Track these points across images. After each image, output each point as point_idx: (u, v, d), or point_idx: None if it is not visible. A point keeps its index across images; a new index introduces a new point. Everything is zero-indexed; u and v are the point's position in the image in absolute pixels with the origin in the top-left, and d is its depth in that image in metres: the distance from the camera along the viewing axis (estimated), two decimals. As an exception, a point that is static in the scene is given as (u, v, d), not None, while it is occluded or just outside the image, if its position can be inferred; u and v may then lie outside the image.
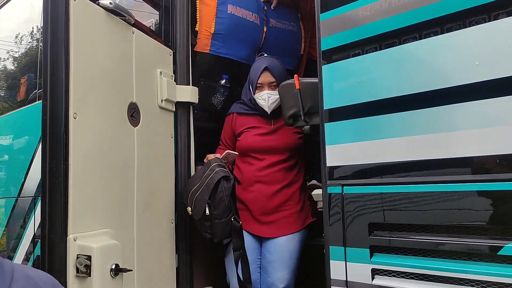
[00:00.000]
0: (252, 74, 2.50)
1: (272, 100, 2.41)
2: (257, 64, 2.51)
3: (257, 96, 2.44)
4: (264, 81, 2.42)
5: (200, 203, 2.14)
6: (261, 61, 2.50)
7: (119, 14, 1.93)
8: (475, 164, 1.35)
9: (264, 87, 2.43)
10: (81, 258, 1.59)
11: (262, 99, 2.42)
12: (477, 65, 1.34)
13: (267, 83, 2.42)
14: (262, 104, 2.43)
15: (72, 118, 1.64)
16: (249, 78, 2.53)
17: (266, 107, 2.42)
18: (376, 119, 1.56)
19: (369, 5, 1.59)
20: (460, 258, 1.38)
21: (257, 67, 2.47)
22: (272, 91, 2.41)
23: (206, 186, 2.14)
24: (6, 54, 3.49)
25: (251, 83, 2.49)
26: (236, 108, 2.61)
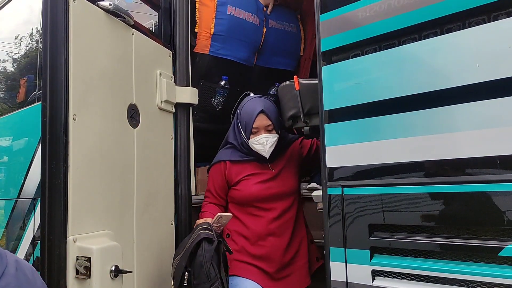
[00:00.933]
0: (244, 118, 2.21)
1: (270, 144, 2.17)
2: (249, 107, 2.24)
3: (253, 141, 2.18)
4: (260, 125, 2.17)
5: (178, 272, 1.90)
6: (253, 103, 2.24)
7: (119, 15, 1.93)
8: (475, 165, 1.35)
9: (260, 131, 2.18)
10: (81, 259, 1.59)
11: (259, 143, 2.17)
12: (477, 67, 1.34)
13: (263, 127, 2.18)
14: (259, 149, 2.17)
15: (72, 119, 1.63)
16: (240, 121, 2.24)
17: (265, 152, 2.17)
18: (376, 120, 1.55)
19: (369, 6, 1.59)
20: (461, 259, 1.38)
21: (251, 110, 2.21)
22: (269, 134, 2.18)
23: (184, 252, 1.90)
24: (6, 56, 3.49)
25: (243, 127, 2.21)
26: (227, 155, 2.29)
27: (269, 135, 2.17)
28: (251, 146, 2.20)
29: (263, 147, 2.16)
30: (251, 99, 2.29)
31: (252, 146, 2.19)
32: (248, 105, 2.26)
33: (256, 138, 2.17)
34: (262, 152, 2.17)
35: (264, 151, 2.17)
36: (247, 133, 2.19)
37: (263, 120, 2.17)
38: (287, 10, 3.33)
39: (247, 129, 2.19)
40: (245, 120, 2.20)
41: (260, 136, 2.16)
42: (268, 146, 2.16)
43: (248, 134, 2.19)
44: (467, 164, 1.36)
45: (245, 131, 2.20)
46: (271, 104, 2.27)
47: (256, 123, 2.16)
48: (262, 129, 2.17)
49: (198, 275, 1.86)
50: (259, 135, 2.17)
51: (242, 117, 2.23)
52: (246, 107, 2.25)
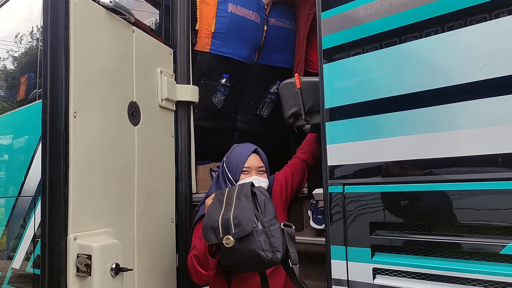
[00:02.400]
0: (235, 159, 2.05)
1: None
2: (241, 148, 2.10)
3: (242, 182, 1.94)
4: (252, 165, 2.02)
5: (244, 216, 1.66)
6: (245, 145, 2.12)
7: (119, 13, 1.92)
8: (476, 163, 1.34)
9: (251, 172, 2.02)
10: (81, 257, 1.59)
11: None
12: (480, 68, 1.33)
13: (255, 167, 2.02)
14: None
15: (72, 117, 1.63)
16: (229, 164, 2.05)
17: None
18: (377, 118, 1.55)
19: (370, 4, 1.59)
20: (462, 257, 1.38)
21: (243, 151, 2.07)
22: (261, 178, 2.02)
23: (241, 197, 1.74)
24: (6, 54, 3.48)
25: (232, 169, 2.03)
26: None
27: (261, 178, 2.02)
28: None
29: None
30: (241, 144, 2.17)
31: None
32: (238, 147, 2.12)
33: (247, 179, 1.96)
34: None
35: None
36: (236, 174, 2.01)
37: (255, 161, 2.04)
38: (286, 7, 3.33)
39: (237, 170, 2.01)
40: (235, 161, 2.04)
41: (251, 178, 1.98)
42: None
43: (238, 175, 2.00)
44: (468, 162, 1.36)
45: (235, 173, 2.01)
46: (262, 151, 2.12)
47: (248, 162, 2.02)
48: (254, 169, 2.02)
49: (267, 212, 1.75)
50: (250, 176, 2.01)
51: (232, 159, 2.06)
52: (237, 149, 2.11)
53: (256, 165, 2.04)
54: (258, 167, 2.04)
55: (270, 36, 3.14)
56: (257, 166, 2.04)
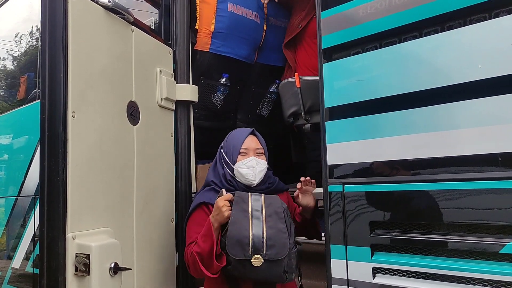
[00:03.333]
0: (232, 141, 2.02)
1: (261, 169, 1.93)
2: (238, 131, 2.09)
3: (239, 165, 1.93)
4: (250, 146, 1.97)
5: (279, 240, 1.67)
6: (242, 129, 2.10)
7: (118, 13, 1.92)
8: (476, 162, 1.34)
9: (249, 153, 1.96)
10: (80, 256, 1.58)
11: (248, 166, 1.92)
12: (479, 67, 1.33)
13: (253, 149, 1.97)
14: (247, 173, 1.91)
15: (71, 116, 1.63)
16: (226, 147, 2.02)
17: (253, 177, 1.91)
18: (377, 117, 1.55)
19: (370, 3, 1.58)
20: (462, 256, 1.38)
21: (239, 133, 2.04)
22: (259, 159, 1.95)
23: (273, 215, 1.72)
24: (6, 54, 3.48)
25: (230, 152, 1.99)
26: (208, 198, 1.92)
27: (259, 160, 1.95)
28: (236, 174, 1.94)
29: (252, 170, 1.92)
30: (237, 128, 2.16)
31: (238, 172, 1.93)
32: (235, 131, 2.11)
33: (245, 161, 1.93)
34: (249, 177, 1.91)
35: (253, 175, 1.91)
36: (234, 156, 1.96)
37: (253, 142, 2.00)
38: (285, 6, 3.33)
39: (235, 152, 1.97)
40: (232, 143, 2.01)
41: (249, 158, 1.94)
42: (258, 170, 1.93)
43: (235, 157, 1.96)
44: (468, 161, 1.35)
45: (232, 155, 1.97)
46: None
47: (245, 143, 1.97)
48: (252, 151, 1.97)
49: (291, 234, 1.74)
50: (248, 157, 1.95)
51: (229, 142, 2.03)
52: (233, 132, 2.09)
53: (254, 146, 1.99)
54: (256, 149, 1.99)
55: (270, 36, 3.13)
56: (255, 147, 1.99)
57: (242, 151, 1.96)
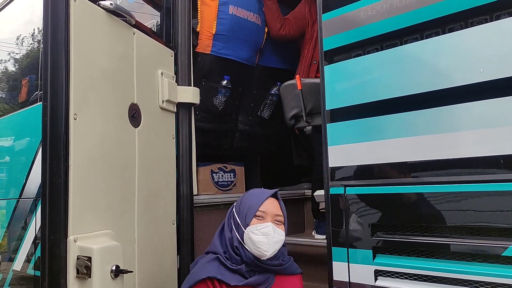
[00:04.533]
0: (249, 200, 1.73)
1: (277, 239, 1.64)
2: (257, 191, 1.81)
3: (252, 229, 1.63)
4: (269, 210, 1.69)
5: None
6: (263, 190, 1.81)
7: (120, 15, 1.92)
8: (478, 164, 1.34)
9: (267, 218, 1.67)
10: (81, 259, 1.58)
11: (263, 233, 1.62)
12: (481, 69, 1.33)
13: (272, 214, 1.68)
14: (260, 241, 1.61)
15: (73, 119, 1.63)
16: (240, 206, 1.74)
17: (265, 246, 1.61)
18: (379, 119, 1.55)
19: (371, 6, 1.58)
20: (464, 259, 1.37)
21: (259, 193, 1.76)
22: (277, 228, 1.67)
23: None
24: (8, 56, 3.49)
25: (243, 212, 1.69)
26: (211, 270, 1.63)
27: (277, 229, 1.66)
28: (246, 240, 1.64)
29: (267, 238, 1.61)
30: (257, 188, 1.88)
31: (249, 238, 1.63)
32: (254, 190, 1.83)
33: (260, 226, 1.63)
34: (262, 246, 1.61)
35: (267, 244, 1.61)
36: (247, 217, 1.67)
37: (274, 207, 1.71)
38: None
39: (250, 213, 1.67)
40: (248, 203, 1.71)
41: (266, 224, 1.64)
42: (274, 240, 1.62)
43: (249, 219, 1.66)
44: (470, 164, 1.35)
45: (245, 216, 1.67)
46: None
47: (265, 205, 1.69)
48: (270, 216, 1.68)
49: None
50: (264, 222, 1.66)
51: (244, 201, 1.74)
52: (252, 191, 1.81)
53: (274, 211, 1.69)
54: (276, 215, 1.69)
55: (271, 38, 3.14)
56: (275, 213, 1.70)
57: (259, 214, 1.67)
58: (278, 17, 3.05)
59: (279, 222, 1.69)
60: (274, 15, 3.04)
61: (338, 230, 1.62)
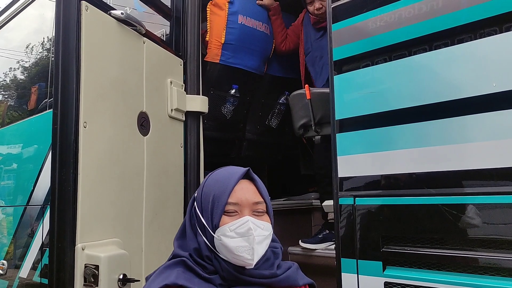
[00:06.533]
0: (212, 189, 1.20)
1: (261, 237, 1.16)
2: (221, 174, 1.26)
3: (224, 232, 1.14)
4: (243, 198, 1.18)
5: None
6: (228, 169, 1.28)
7: (131, 24, 1.94)
8: (490, 176, 1.32)
9: (243, 211, 1.17)
10: (88, 267, 1.58)
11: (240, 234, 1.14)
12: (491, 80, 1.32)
13: (248, 203, 1.18)
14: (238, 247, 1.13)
15: (82, 127, 1.63)
16: (202, 199, 1.22)
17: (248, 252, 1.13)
18: (389, 129, 1.54)
19: (380, 16, 1.59)
20: (476, 272, 1.35)
21: (225, 177, 1.23)
22: (259, 221, 1.18)
23: None
24: (17, 64, 3.52)
25: (207, 208, 1.19)
26: (173, 276, 1.15)
27: (261, 222, 1.18)
28: (219, 247, 1.16)
29: (247, 240, 1.13)
30: (220, 168, 1.31)
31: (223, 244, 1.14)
32: (218, 171, 1.29)
33: (234, 224, 1.15)
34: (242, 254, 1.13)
35: (249, 249, 1.13)
36: (214, 216, 1.16)
37: (248, 191, 1.20)
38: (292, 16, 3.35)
39: (216, 210, 1.16)
40: (212, 194, 1.19)
41: (242, 219, 1.15)
42: (258, 240, 1.14)
43: (216, 218, 1.16)
44: (481, 175, 1.34)
45: (211, 214, 1.17)
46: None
47: (235, 194, 1.18)
48: (247, 207, 1.17)
49: None
50: (239, 217, 1.16)
51: (206, 193, 1.21)
52: (215, 175, 1.27)
53: (250, 199, 1.18)
54: (254, 203, 1.18)
55: (279, 48, 3.15)
56: (252, 200, 1.18)
57: (230, 208, 1.17)
58: (281, 32, 3.11)
59: (260, 212, 1.19)
60: (276, 30, 3.09)
61: (347, 241, 1.60)
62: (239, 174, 1.22)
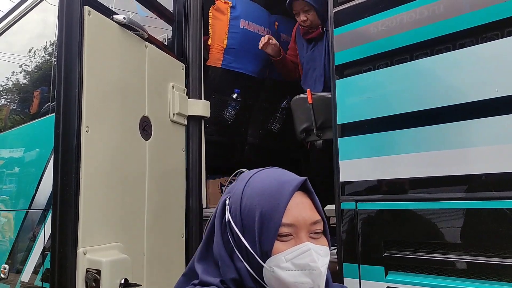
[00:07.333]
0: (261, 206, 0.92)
1: (324, 265, 0.93)
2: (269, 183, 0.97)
3: (279, 262, 0.89)
4: (301, 218, 0.93)
5: None
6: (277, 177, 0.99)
7: (133, 29, 1.94)
8: (492, 180, 1.32)
9: (299, 235, 0.92)
10: (90, 272, 1.58)
11: (301, 267, 0.90)
12: (494, 85, 1.32)
13: (306, 224, 0.93)
14: (298, 282, 0.89)
15: (85, 131, 1.64)
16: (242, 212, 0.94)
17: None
18: (391, 134, 1.54)
19: (382, 21, 1.59)
20: (479, 277, 1.35)
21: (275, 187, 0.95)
22: (320, 246, 0.94)
23: None
24: (20, 68, 3.53)
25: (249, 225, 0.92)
26: None
27: (320, 248, 0.93)
28: (269, 280, 0.90)
29: (310, 275, 0.90)
30: (265, 170, 1.03)
31: (276, 277, 0.89)
32: (263, 177, 1.00)
33: (291, 253, 0.90)
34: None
35: (311, 286, 0.90)
36: (264, 242, 0.90)
37: (307, 210, 0.94)
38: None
39: (266, 233, 0.90)
40: (259, 210, 0.91)
41: (302, 247, 0.90)
42: (321, 272, 0.91)
43: (267, 246, 0.90)
44: (484, 180, 1.33)
45: (259, 241, 0.90)
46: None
47: (291, 212, 0.91)
48: (303, 228, 0.93)
49: None
50: (296, 243, 0.91)
51: (250, 207, 0.93)
52: (259, 181, 0.98)
53: (308, 217, 0.93)
54: (312, 223, 0.93)
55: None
56: (311, 219, 0.93)
57: (285, 230, 0.90)
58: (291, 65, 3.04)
59: (317, 233, 0.95)
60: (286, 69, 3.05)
61: (349, 246, 1.60)
62: (294, 186, 0.93)
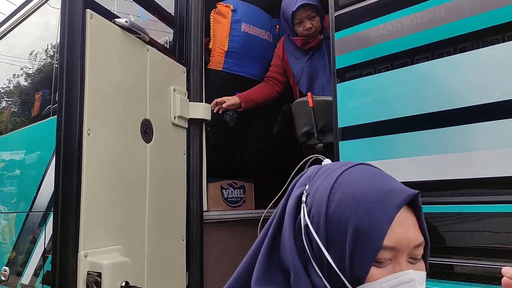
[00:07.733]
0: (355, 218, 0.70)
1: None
2: (365, 188, 0.74)
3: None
4: (404, 240, 0.72)
5: None
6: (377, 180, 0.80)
7: (135, 32, 1.95)
8: (494, 184, 1.32)
9: (399, 259, 0.72)
10: (91, 275, 1.58)
11: None
12: (495, 89, 1.32)
13: (409, 247, 0.73)
14: None
15: (86, 134, 1.64)
16: (326, 233, 0.72)
17: None
18: (391, 138, 1.54)
19: (383, 25, 1.59)
20: (480, 281, 1.35)
21: (377, 196, 0.73)
22: (420, 272, 0.74)
23: None
24: (21, 70, 3.54)
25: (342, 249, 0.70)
26: None
27: (419, 275, 0.74)
28: None
29: None
30: (355, 169, 0.80)
31: None
32: (359, 179, 0.77)
33: (387, 281, 0.70)
34: None
35: None
36: (359, 265, 0.69)
37: (410, 228, 0.74)
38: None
39: (361, 252, 0.69)
40: (355, 220, 0.70)
41: (403, 276, 0.71)
42: None
43: (360, 269, 0.69)
44: (485, 184, 1.34)
45: (350, 259, 0.69)
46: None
47: (393, 233, 0.70)
48: (404, 252, 0.73)
49: None
50: (395, 269, 0.72)
51: (341, 211, 0.72)
52: (356, 185, 0.75)
53: (413, 240, 0.74)
54: (415, 246, 0.75)
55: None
56: (414, 243, 0.74)
57: (385, 256, 0.71)
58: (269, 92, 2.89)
59: (417, 259, 0.77)
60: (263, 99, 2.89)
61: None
62: (401, 200, 0.73)
